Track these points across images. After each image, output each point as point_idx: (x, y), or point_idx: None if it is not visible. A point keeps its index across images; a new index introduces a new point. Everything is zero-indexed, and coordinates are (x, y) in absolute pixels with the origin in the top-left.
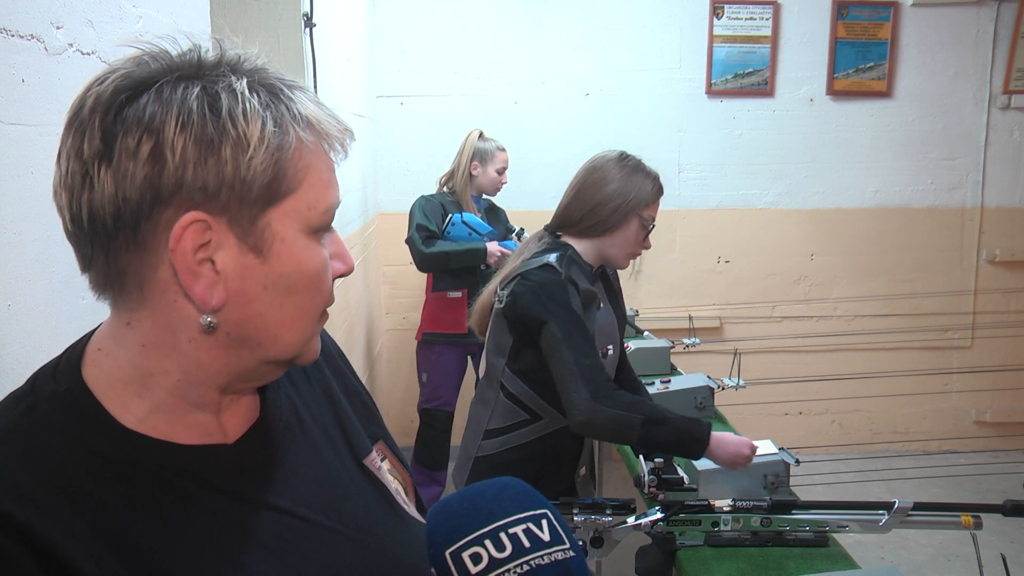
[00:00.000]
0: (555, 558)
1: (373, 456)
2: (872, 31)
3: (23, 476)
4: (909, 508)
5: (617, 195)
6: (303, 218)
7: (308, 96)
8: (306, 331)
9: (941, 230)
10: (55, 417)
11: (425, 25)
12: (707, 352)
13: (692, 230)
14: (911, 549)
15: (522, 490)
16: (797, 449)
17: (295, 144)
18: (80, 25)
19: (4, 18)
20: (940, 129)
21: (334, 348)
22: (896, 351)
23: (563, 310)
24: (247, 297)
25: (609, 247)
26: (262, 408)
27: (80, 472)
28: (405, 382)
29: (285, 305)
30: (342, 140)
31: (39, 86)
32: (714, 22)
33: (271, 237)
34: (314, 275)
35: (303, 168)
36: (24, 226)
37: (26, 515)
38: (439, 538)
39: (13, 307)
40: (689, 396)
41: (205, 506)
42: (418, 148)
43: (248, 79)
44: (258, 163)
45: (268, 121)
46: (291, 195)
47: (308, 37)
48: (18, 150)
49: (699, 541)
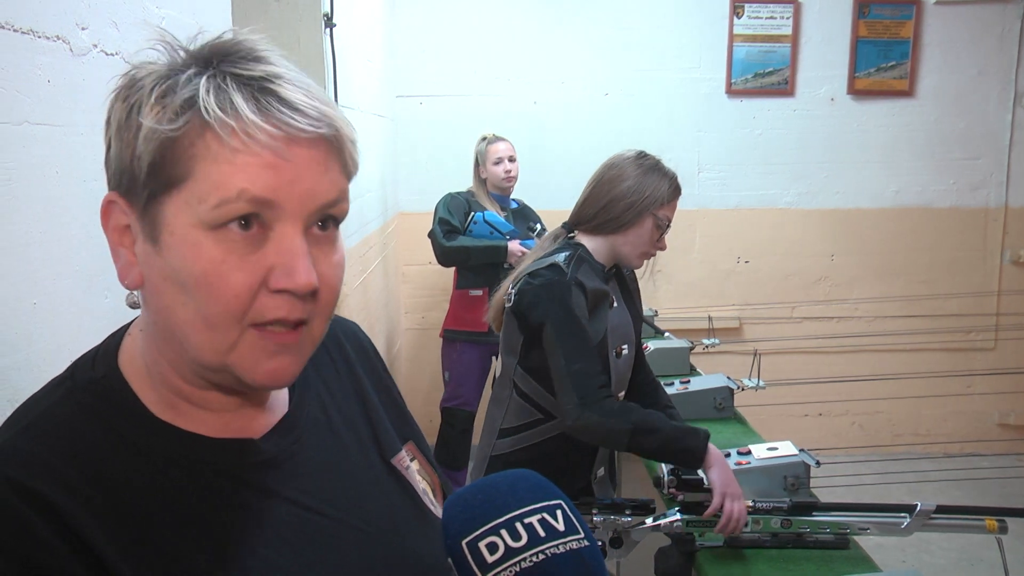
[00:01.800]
0: (570, 547)
1: (402, 455)
2: (894, 30)
3: (57, 459)
4: (932, 511)
5: (632, 192)
6: (193, 212)
7: (260, 82)
8: (216, 338)
9: (964, 230)
10: (91, 404)
11: (444, 25)
12: (727, 352)
13: (712, 230)
14: (933, 553)
15: (536, 481)
16: (817, 451)
17: (183, 133)
18: (104, 26)
19: (30, 20)
20: (963, 128)
21: (369, 346)
22: (917, 352)
23: (561, 312)
24: (154, 286)
25: (622, 245)
26: (290, 404)
27: (111, 459)
28: (424, 381)
29: (187, 304)
30: (291, 134)
31: (64, 87)
32: (734, 21)
33: (162, 227)
34: (200, 276)
35: (190, 158)
36: (49, 225)
37: (57, 496)
38: (455, 529)
39: (38, 305)
40: (709, 397)
41: (229, 498)
42: (437, 148)
43: (184, 67)
44: (142, 148)
45: (157, 108)
46: (181, 186)
47: (328, 37)
48: (44, 150)
49: (719, 542)
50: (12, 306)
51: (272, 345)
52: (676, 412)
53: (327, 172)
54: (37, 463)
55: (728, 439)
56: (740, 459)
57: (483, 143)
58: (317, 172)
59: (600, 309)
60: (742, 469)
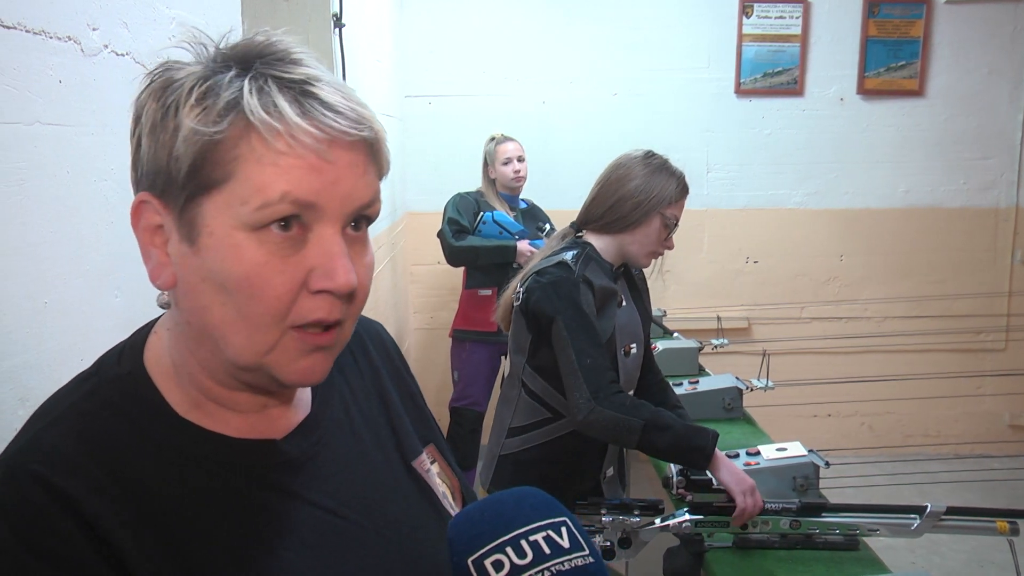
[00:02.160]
0: (575, 564)
1: (422, 458)
2: (904, 29)
3: (79, 455)
4: (942, 512)
5: (639, 191)
6: (237, 213)
7: (301, 84)
8: (256, 338)
9: (974, 231)
10: (115, 400)
11: (453, 25)
12: (735, 353)
13: (720, 230)
14: (943, 555)
15: (542, 499)
16: (826, 451)
17: (227, 135)
18: (115, 27)
19: (42, 20)
20: (974, 128)
21: (392, 347)
22: (927, 353)
23: (571, 308)
24: (190, 286)
25: (630, 244)
26: (312, 405)
27: (133, 456)
28: (433, 381)
29: (226, 304)
30: (333, 137)
31: (75, 87)
32: (743, 21)
33: (201, 228)
34: (242, 278)
35: (233, 159)
36: (59, 225)
37: (79, 492)
38: (461, 546)
39: (49, 304)
40: (717, 397)
41: (248, 499)
42: (446, 148)
43: (223, 67)
44: (181, 149)
45: (198, 110)
46: (222, 187)
47: (337, 37)
48: (55, 150)
49: (727, 543)
50: (23, 305)
51: (309, 345)
52: (685, 412)
53: (365, 174)
54: (61, 458)
55: (737, 440)
56: (749, 460)
57: (492, 143)
58: (356, 174)
59: (608, 307)
60: (751, 470)
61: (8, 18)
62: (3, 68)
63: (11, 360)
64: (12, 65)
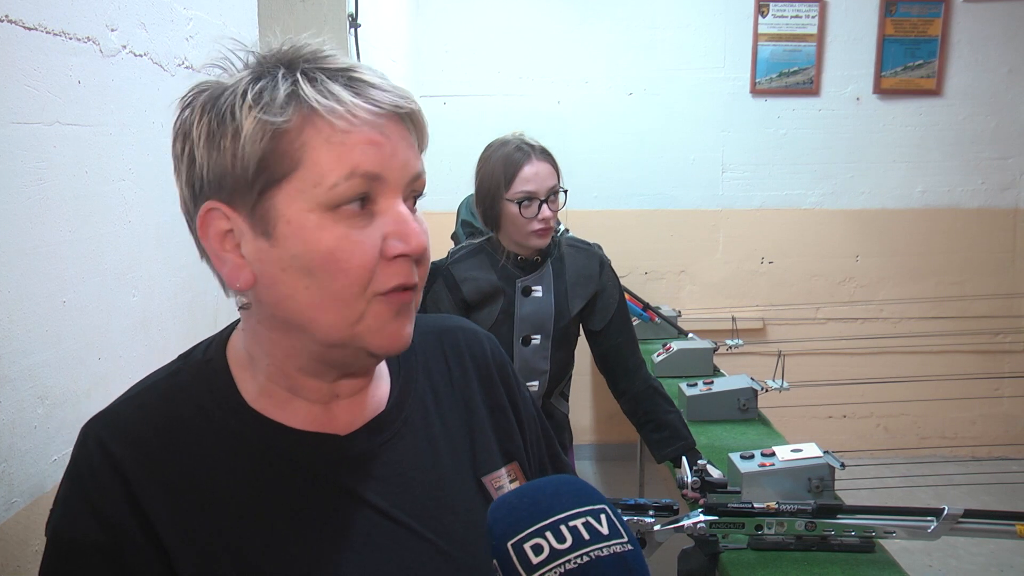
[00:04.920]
0: (614, 551)
1: (498, 474)
2: (922, 28)
3: (143, 428)
4: (960, 515)
5: (479, 196)
6: (310, 196)
7: (345, 72)
8: (344, 313)
9: (992, 231)
10: (190, 384)
11: (468, 25)
12: (750, 353)
13: (735, 230)
14: (960, 558)
15: (580, 486)
16: (842, 453)
17: (292, 125)
18: (133, 27)
19: (62, 21)
20: (992, 128)
21: (495, 360)
22: (944, 354)
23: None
24: (271, 280)
25: (507, 239)
26: (387, 404)
27: (194, 436)
28: None
29: (310, 287)
30: (387, 113)
31: (94, 87)
32: (759, 20)
33: (276, 219)
34: (326, 254)
35: (299, 147)
36: (78, 224)
37: (131, 459)
38: (500, 531)
39: (68, 303)
40: (732, 398)
41: (299, 490)
42: (461, 148)
43: (269, 69)
44: (248, 148)
45: (256, 108)
46: (291, 175)
47: (353, 37)
48: (74, 150)
49: (742, 544)
50: (42, 304)
51: (394, 308)
52: (678, 416)
53: (412, 146)
54: (125, 429)
55: (752, 440)
56: (764, 460)
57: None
58: (408, 145)
59: (493, 302)
60: (766, 471)
61: (30, 19)
62: (24, 69)
63: (30, 358)
64: (33, 66)
